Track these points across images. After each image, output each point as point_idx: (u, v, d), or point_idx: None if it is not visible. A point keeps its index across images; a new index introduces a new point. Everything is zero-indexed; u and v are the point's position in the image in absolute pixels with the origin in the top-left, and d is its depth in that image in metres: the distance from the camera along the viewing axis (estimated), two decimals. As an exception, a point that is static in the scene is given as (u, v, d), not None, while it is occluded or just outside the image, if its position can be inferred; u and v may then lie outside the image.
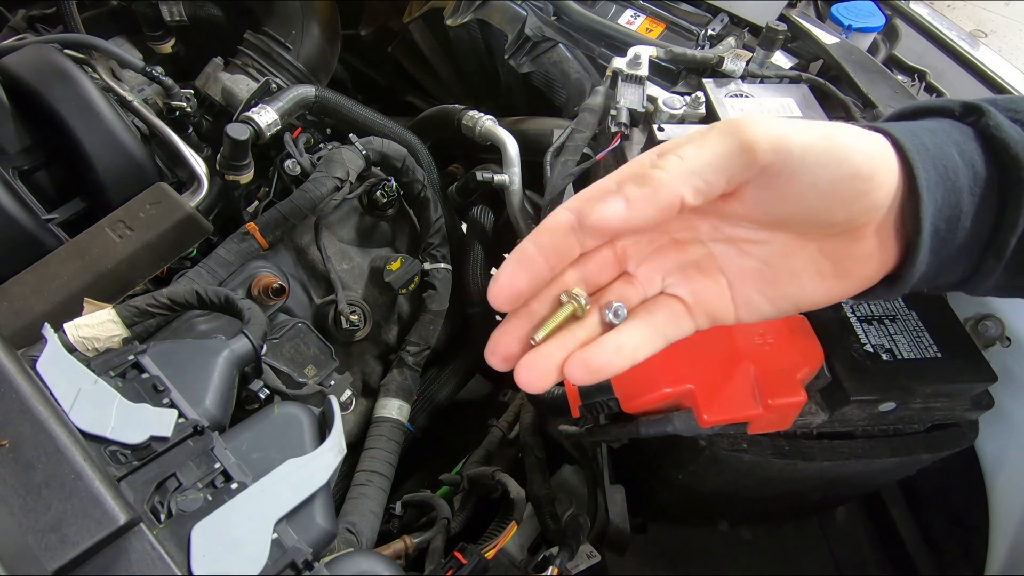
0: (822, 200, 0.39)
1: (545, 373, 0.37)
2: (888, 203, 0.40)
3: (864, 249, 0.41)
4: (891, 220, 0.41)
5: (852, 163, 0.38)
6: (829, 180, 0.38)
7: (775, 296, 0.42)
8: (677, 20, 1.12)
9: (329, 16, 1.34)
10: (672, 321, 0.41)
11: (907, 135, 0.41)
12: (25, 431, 0.50)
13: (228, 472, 0.57)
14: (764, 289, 0.42)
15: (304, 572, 0.53)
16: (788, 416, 0.65)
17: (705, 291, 0.42)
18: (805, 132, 0.37)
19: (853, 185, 0.38)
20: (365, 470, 0.98)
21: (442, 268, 1.17)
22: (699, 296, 0.41)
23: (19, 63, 0.95)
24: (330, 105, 1.18)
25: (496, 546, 0.87)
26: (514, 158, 1.13)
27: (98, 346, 0.70)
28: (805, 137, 0.37)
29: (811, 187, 0.38)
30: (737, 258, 0.42)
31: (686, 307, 0.41)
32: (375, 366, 1.15)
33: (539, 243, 0.38)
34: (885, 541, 1.15)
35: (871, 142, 0.40)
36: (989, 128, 0.42)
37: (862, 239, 0.41)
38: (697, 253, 0.42)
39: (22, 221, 0.88)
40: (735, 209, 0.40)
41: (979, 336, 0.77)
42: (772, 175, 0.37)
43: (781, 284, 0.42)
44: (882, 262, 0.42)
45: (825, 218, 0.40)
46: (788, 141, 0.37)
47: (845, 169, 0.38)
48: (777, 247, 0.41)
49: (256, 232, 1.00)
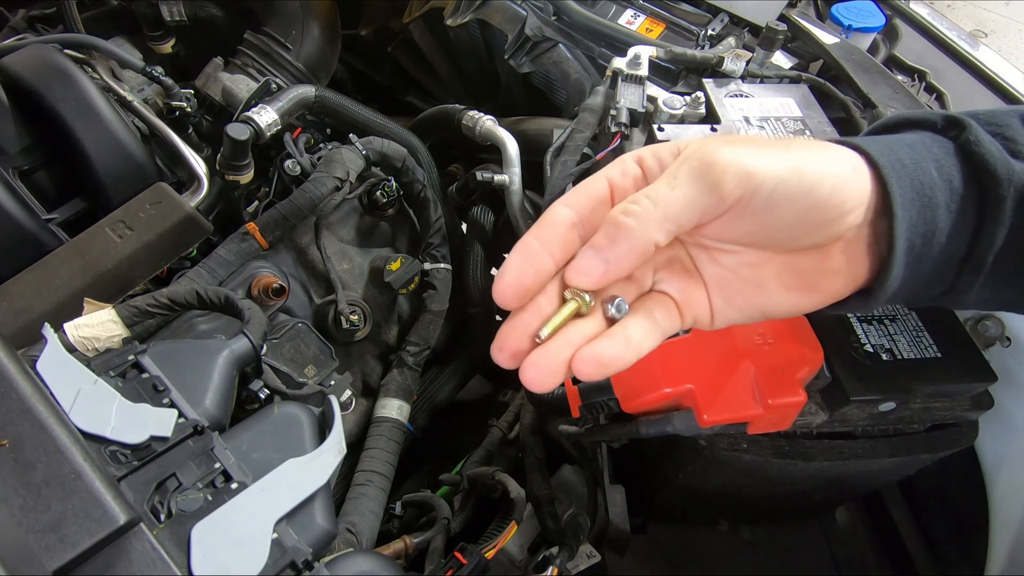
0: (789, 229, 0.40)
1: (553, 371, 0.37)
2: (857, 225, 0.41)
3: (831, 265, 0.42)
4: (862, 237, 0.42)
5: (819, 195, 0.38)
6: (796, 212, 0.39)
7: (743, 305, 0.43)
8: (677, 20, 1.12)
9: (329, 16, 1.34)
10: (667, 317, 0.41)
11: (884, 152, 0.41)
12: (25, 431, 0.50)
13: (228, 472, 0.57)
14: (732, 298, 0.43)
15: (304, 572, 0.53)
16: (788, 416, 0.65)
17: (690, 291, 0.42)
18: (774, 164, 0.38)
19: (821, 214, 0.39)
20: (365, 470, 0.98)
21: (442, 268, 1.17)
22: (686, 295, 0.42)
23: (19, 63, 0.95)
24: (330, 105, 1.18)
25: (496, 546, 0.87)
26: (514, 158, 1.13)
27: (98, 346, 0.70)
28: (773, 171, 0.37)
29: (779, 219, 0.39)
30: (710, 265, 0.43)
31: (676, 305, 0.42)
32: (375, 366, 1.15)
33: (542, 238, 0.39)
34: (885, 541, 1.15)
35: (841, 169, 0.40)
36: (969, 144, 0.42)
37: (830, 256, 0.42)
38: (680, 252, 0.43)
39: (22, 221, 0.88)
40: (705, 231, 0.40)
41: (979, 336, 0.77)
42: (740, 208, 0.38)
43: (748, 294, 0.43)
44: (851, 277, 0.43)
45: (792, 243, 0.41)
46: (756, 178, 0.37)
47: (812, 200, 0.38)
48: (745, 258, 0.42)
49: (256, 232, 1.00)
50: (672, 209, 0.37)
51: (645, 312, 0.40)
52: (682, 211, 0.37)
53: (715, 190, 0.37)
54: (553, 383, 0.37)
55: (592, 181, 0.41)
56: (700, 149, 0.38)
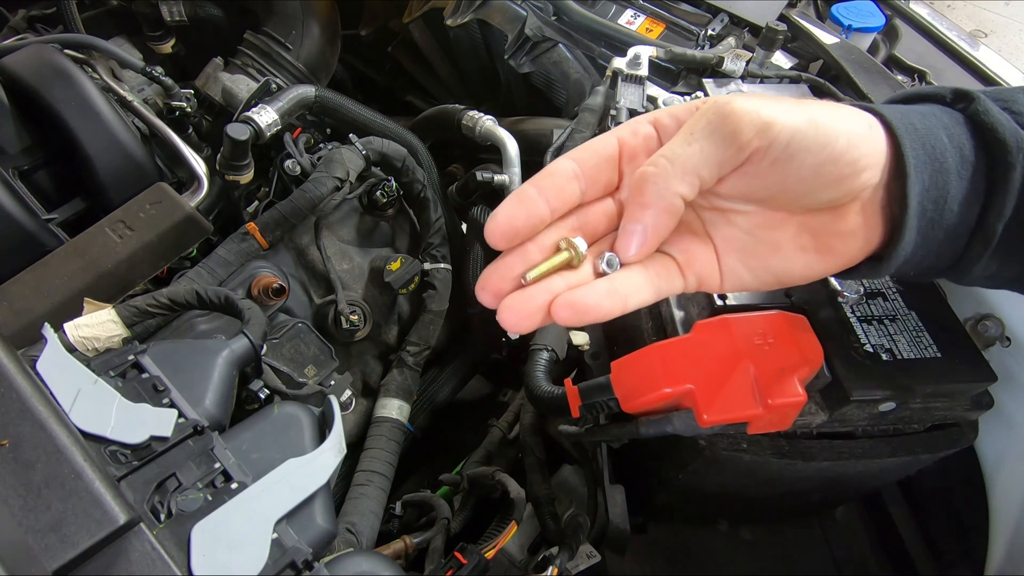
0: (806, 183, 0.39)
1: (529, 314, 0.37)
2: (873, 184, 0.41)
3: (848, 226, 0.42)
4: (877, 199, 0.42)
5: (836, 148, 0.38)
6: (813, 165, 0.38)
7: (757, 267, 0.43)
8: (677, 20, 1.12)
9: (329, 16, 1.34)
10: (665, 275, 0.41)
11: (897, 116, 0.41)
12: (25, 431, 0.50)
13: (228, 472, 0.57)
14: (746, 259, 0.43)
15: (304, 572, 0.53)
16: (788, 416, 0.65)
17: (696, 253, 0.42)
18: (791, 116, 0.38)
19: (836, 169, 0.39)
20: (365, 470, 0.98)
21: (442, 268, 1.17)
22: (690, 256, 0.42)
23: (19, 63, 0.95)
24: (330, 105, 1.18)
25: (496, 546, 0.87)
26: (514, 158, 1.13)
27: (98, 346, 0.70)
28: (790, 121, 0.38)
29: (795, 172, 0.39)
30: (724, 227, 0.43)
31: (678, 265, 0.42)
32: (375, 366, 1.15)
33: (540, 185, 0.39)
34: (885, 541, 1.15)
35: (856, 125, 0.40)
36: (979, 113, 0.42)
37: (846, 216, 0.42)
38: (689, 216, 0.43)
39: (22, 221, 0.88)
40: (721, 189, 0.40)
41: (979, 336, 0.77)
42: (756, 161, 0.38)
43: (763, 256, 0.43)
44: (866, 240, 0.43)
45: (808, 199, 0.41)
46: (773, 128, 0.37)
47: (829, 153, 0.38)
48: (761, 219, 0.42)
49: (256, 232, 1.00)
50: (691, 162, 0.37)
51: (639, 268, 0.40)
52: (701, 163, 0.37)
53: (733, 140, 0.37)
54: (528, 326, 0.38)
55: (600, 139, 0.41)
56: (716, 103, 0.38)
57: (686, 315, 0.73)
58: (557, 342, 0.94)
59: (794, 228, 0.42)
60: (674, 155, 0.38)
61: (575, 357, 0.97)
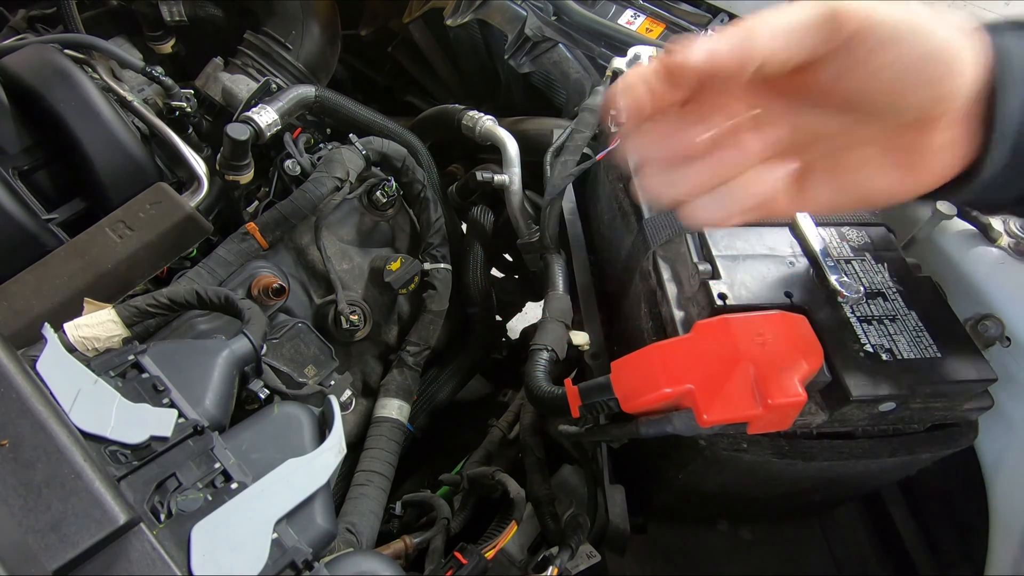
0: (900, 78, 0.39)
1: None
2: (967, 93, 0.40)
3: (937, 140, 0.41)
4: (969, 116, 0.41)
5: (933, 43, 0.38)
6: (910, 57, 0.38)
7: (841, 185, 0.43)
8: (677, 20, 1.12)
9: (329, 16, 1.34)
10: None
11: (997, 32, 0.41)
12: (25, 431, 0.50)
13: (228, 472, 0.57)
14: (832, 176, 0.42)
15: (304, 572, 0.53)
16: (788, 416, 0.65)
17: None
18: (891, 8, 0.38)
19: (933, 66, 0.38)
20: (365, 470, 0.98)
21: (442, 268, 1.17)
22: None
23: (19, 63, 0.95)
24: (330, 105, 1.18)
25: (496, 546, 0.87)
26: (514, 158, 1.13)
27: (98, 346, 0.70)
28: (891, 12, 0.38)
29: (892, 62, 0.38)
30: (808, 141, 0.42)
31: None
32: (375, 366, 1.15)
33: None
34: (885, 541, 1.15)
35: (955, 29, 0.40)
36: None
37: (936, 130, 0.41)
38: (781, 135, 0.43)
39: (22, 221, 0.88)
40: (811, 82, 0.40)
41: (979, 336, 0.77)
42: (854, 47, 0.38)
43: (850, 171, 0.42)
44: (954, 157, 0.42)
45: (901, 99, 0.40)
46: (875, 13, 0.37)
47: (926, 48, 0.38)
48: (849, 131, 0.42)
49: (256, 232, 1.00)
50: (786, 25, 0.37)
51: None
52: (796, 30, 0.37)
53: (832, 16, 0.37)
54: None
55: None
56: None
57: (686, 315, 0.73)
58: (557, 342, 0.94)
59: (883, 141, 0.42)
60: (768, 18, 0.37)
61: (575, 357, 0.97)
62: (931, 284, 0.75)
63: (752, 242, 0.75)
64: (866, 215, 0.81)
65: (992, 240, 0.78)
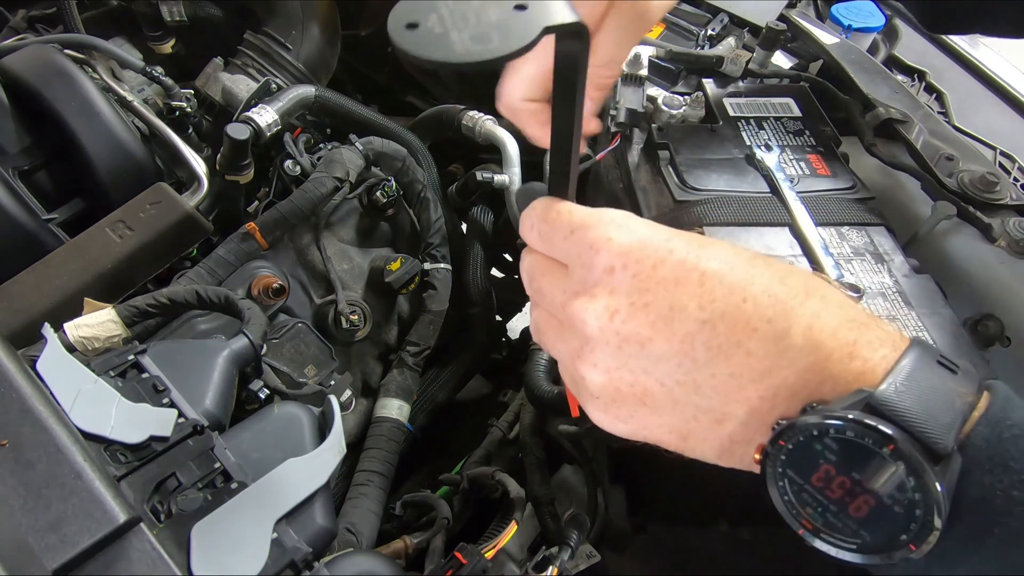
0: None
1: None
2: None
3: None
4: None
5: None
6: None
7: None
8: (677, 20, 1.12)
9: (329, 16, 1.34)
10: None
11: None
12: (25, 431, 0.50)
13: (228, 472, 0.57)
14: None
15: (304, 572, 0.53)
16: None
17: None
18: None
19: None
20: (365, 470, 0.98)
21: (442, 268, 1.17)
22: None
23: (19, 63, 0.95)
24: (330, 105, 1.18)
25: (496, 546, 0.87)
26: (514, 158, 1.13)
27: (98, 346, 0.70)
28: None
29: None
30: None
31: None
32: (375, 366, 1.15)
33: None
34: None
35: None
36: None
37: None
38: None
39: (22, 221, 0.88)
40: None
41: (979, 336, 0.77)
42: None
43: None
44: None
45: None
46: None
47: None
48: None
49: (256, 232, 1.00)
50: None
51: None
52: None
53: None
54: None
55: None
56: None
57: (686, 315, 0.73)
58: (557, 342, 0.94)
59: None
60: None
61: (575, 357, 0.96)
62: (931, 284, 0.75)
63: (752, 242, 0.75)
64: (866, 215, 0.81)
65: (992, 240, 0.78)
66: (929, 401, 0.34)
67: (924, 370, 0.35)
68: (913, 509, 0.34)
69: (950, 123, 0.94)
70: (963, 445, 0.34)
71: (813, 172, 0.85)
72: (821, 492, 0.36)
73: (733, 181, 0.82)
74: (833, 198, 0.82)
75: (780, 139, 0.89)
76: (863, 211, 0.81)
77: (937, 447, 0.33)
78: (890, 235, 0.79)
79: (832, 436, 0.34)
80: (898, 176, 0.92)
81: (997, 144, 0.92)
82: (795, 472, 0.37)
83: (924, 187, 0.87)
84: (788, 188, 0.80)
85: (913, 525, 0.34)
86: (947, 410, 0.34)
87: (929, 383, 0.35)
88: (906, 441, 0.33)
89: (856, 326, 0.37)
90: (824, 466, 0.35)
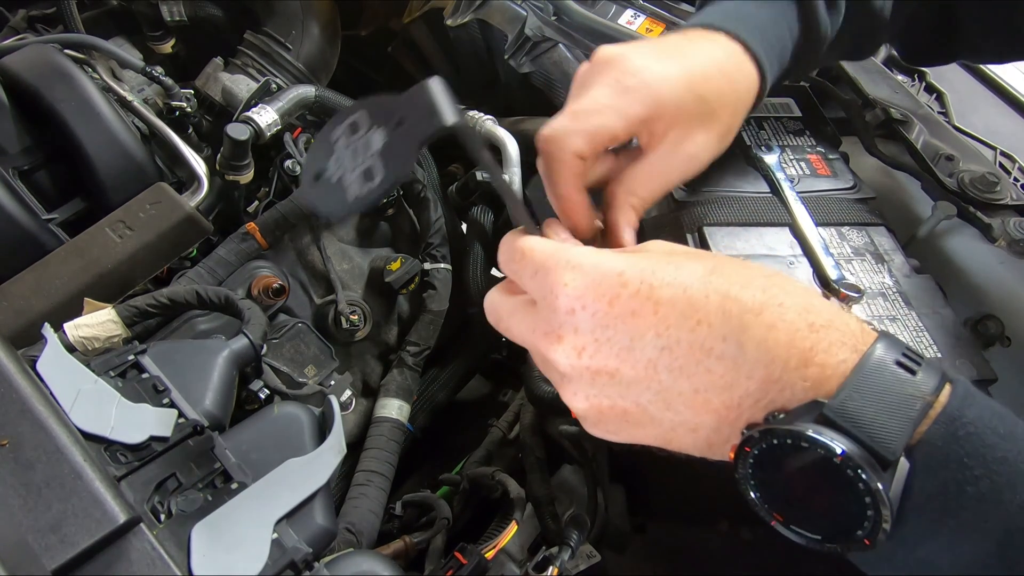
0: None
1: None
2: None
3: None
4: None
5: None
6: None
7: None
8: (677, 20, 1.11)
9: (329, 16, 1.34)
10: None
11: (756, 35, 0.58)
12: (25, 431, 0.50)
13: (228, 472, 0.57)
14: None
15: (304, 572, 0.53)
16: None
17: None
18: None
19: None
20: (365, 470, 0.97)
21: (442, 268, 1.17)
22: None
23: (19, 63, 0.95)
24: (330, 105, 1.18)
25: (496, 546, 0.87)
26: (514, 158, 1.13)
27: (98, 346, 0.70)
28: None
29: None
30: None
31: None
32: (375, 366, 1.15)
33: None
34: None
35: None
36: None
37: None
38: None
39: (22, 221, 0.88)
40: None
41: (979, 336, 0.77)
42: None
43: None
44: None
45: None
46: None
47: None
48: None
49: (256, 232, 1.00)
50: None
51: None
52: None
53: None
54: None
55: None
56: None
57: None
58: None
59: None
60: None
61: (575, 357, 0.96)
62: (931, 284, 0.75)
63: (752, 242, 0.75)
64: (866, 215, 0.81)
65: (992, 240, 0.78)
66: (881, 408, 0.36)
67: (880, 374, 0.37)
68: (864, 509, 0.36)
69: (950, 123, 0.94)
70: (920, 443, 0.36)
71: (813, 172, 0.85)
72: (786, 491, 0.40)
73: (733, 181, 0.82)
74: (833, 198, 0.82)
75: (780, 139, 0.89)
76: (863, 211, 0.81)
77: (885, 453, 0.35)
78: (890, 235, 0.79)
79: (790, 444, 0.37)
80: (898, 176, 0.92)
81: (997, 144, 0.92)
82: (763, 473, 0.40)
83: (924, 187, 0.87)
84: (788, 188, 0.80)
85: (866, 523, 0.36)
86: (899, 416, 0.36)
87: (884, 387, 0.36)
88: (855, 450, 0.35)
89: (814, 331, 0.38)
90: (786, 469, 0.38)
